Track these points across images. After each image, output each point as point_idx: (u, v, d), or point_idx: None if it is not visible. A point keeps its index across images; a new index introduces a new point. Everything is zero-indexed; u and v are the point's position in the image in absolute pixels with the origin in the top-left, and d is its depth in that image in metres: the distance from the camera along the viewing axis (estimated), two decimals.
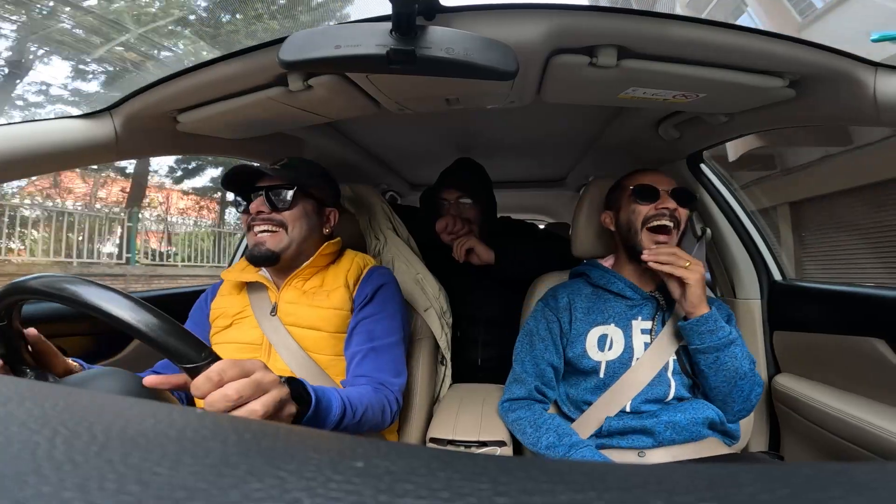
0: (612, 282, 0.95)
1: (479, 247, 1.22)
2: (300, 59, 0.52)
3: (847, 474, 0.12)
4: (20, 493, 0.12)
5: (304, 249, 0.88)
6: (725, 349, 0.82)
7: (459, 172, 1.34)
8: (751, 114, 0.84)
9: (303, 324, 0.85)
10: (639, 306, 0.93)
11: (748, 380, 0.83)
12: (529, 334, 0.97)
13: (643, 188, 0.92)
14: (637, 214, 0.92)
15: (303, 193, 0.87)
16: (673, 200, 0.90)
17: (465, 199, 1.30)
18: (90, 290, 0.47)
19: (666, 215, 0.89)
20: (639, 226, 0.91)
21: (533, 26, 0.61)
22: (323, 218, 0.93)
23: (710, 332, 0.82)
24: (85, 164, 0.85)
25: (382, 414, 0.76)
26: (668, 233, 0.89)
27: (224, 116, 0.83)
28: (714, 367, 0.83)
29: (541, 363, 0.93)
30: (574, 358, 0.91)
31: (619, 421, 0.85)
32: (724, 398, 0.85)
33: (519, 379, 0.94)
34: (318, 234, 0.92)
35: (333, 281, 0.89)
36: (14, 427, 0.16)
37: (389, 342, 0.85)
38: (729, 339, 0.82)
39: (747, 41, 0.62)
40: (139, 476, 0.12)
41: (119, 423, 0.16)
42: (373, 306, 0.87)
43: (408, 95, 0.80)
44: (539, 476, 0.13)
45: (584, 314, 0.94)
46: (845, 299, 0.94)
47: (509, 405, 0.93)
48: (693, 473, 0.13)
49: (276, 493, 0.12)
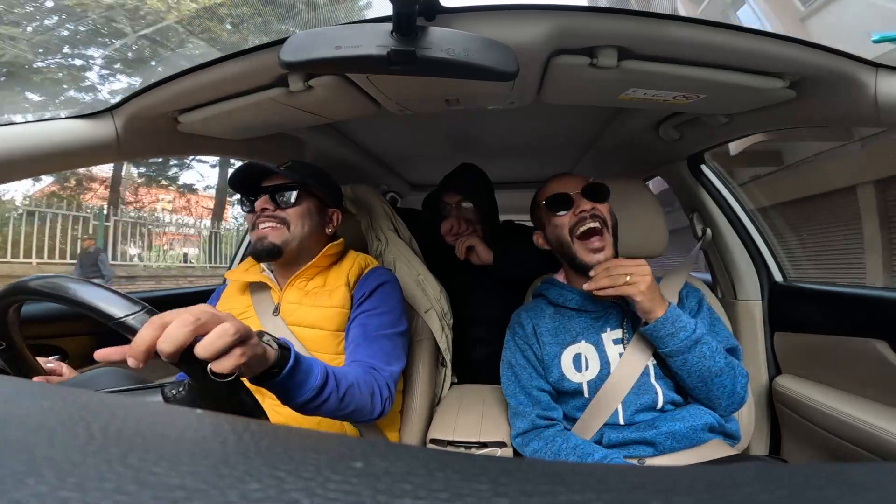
0: (570, 298, 0.92)
1: (479, 246, 1.23)
2: (301, 59, 0.52)
3: (845, 475, 0.12)
4: (18, 492, 0.12)
5: (307, 247, 0.89)
6: (691, 350, 0.78)
7: (462, 176, 1.35)
8: (751, 115, 0.84)
9: (305, 323, 0.85)
10: (603, 318, 0.90)
11: (726, 374, 0.79)
12: (510, 366, 0.95)
13: (554, 198, 0.90)
14: (560, 228, 0.90)
15: (306, 193, 0.89)
16: (588, 200, 0.87)
17: (466, 203, 1.31)
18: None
19: (587, 217, 0.87)
20: (567, 237, 0.88)
21: (533, 27, 0.61)
22: (325, 218, 0.94)
23: (671, 336, 0.78)
24: (86, 165, 0.85)
25: (371, 398, 0.74)
26: (598, 233, 0.87)
27: (225, 117, 0.83)
28: (685, 370, 0.79)
29: (532, 391, 0.90)
30: (555, 382, 0.89)
31: (617, 434, 0.83)
32: (706, 397, 0.82)
33: (518, 413, 0.91)
34: (321, 233, 0.93)
35: (335, 280, 0.90)
36: (12, 426, 0.16)
37: (384, 333, 0.84)
38: (692, 339, 0.78)
39: (748, 42, 0.62)
40: (137, 476, 0.12)
41: (117, 423, 0.16)
42: (371, 302, 0.87)
43: (408, 96, 0.81)
44: (538, 477, 0.13)
45: (552, 336, 0.91)
46: (846, 300, 0.94)
47: (521, 440, 0.89)
48: (692, 475, 0.13)
49: (274, 494, 0.12)
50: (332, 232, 0.95)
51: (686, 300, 0.93)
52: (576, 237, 0.87)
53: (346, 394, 0.67)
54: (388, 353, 0.83)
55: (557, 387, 0.89)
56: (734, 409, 0.83)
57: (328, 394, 0.64)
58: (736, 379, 0.80)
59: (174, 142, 0.93)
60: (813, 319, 1.01)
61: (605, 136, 1.29)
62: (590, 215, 0.87)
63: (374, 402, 0.74)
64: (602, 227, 0.87)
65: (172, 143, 0.93)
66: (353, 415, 0.71)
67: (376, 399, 0.75)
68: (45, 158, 0.75)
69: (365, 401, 0.72)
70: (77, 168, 0.87)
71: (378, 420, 0.80)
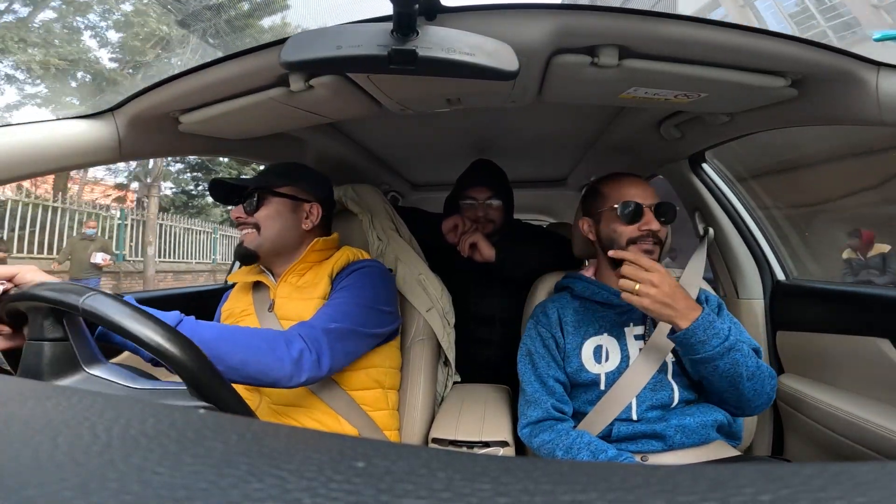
0: (597, 292, 0.92)
1: (481, 242, 1.22)
2: (301, 59, 0.52)
3: (848, 474, 0.12)
4: (22, 493, 0.12)
5: (286, 246, 0.92)
6: (723, 357, 0.76)
7: (488, 171, 1.35)
8: (752, 113, 0.84)
9: (292, 316, 0.86)
10: (628, 312, 0.90)
11: (757, 379, 0.77)
12: (529, 354, 0.95)
13: (627, 206, 0.89)
14: (620, 235, 0.89)
15: (271, 194, 0.91)
16: (657, 221, 0.88)
17: (494, 200, 1.30)
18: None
19: (650, 238, 0.87)
20: (623, 244, 0.89)
21: (534, 26, 0.61)
22: (301, 214, 0.94)
23: (702, 343, 0.75)
24: (87, 166, 0.85)
25: (274, 350, 0.69)
26: (651, 254, 0.87)
27: (226, 117, 0.83)
28: (716, 375, 0.78)
29: (548, 381, 0.90)
30: (572, 373, 0.89)
31: (628, 427, 0.83)
32: (736, 399, 0.80)
33: (532, 400, 0.90)
34: (297, 230, 0.93)
35: (323, 273, 0.92)
36: (16, 427, 0.16)
37: (351, 302, 0.83)
38: (725, 346, 0.75)
39: (749, 40, 0.62)
40: (140, 476, 0.12)
41: (121, 423, 0.16)
42: (345, 282, 0.88)
43: (409, 95, 0.81)
44: (540, 476, 0.13)
45: (575, 328, 0.92)
46: (849, 299, 0.94)
47: (530, 430, 0.88)
48: (695, 474, 0.13)
49: (276, 493, 0.12)
50: (311, 226, 0.94)
51: (706, 304, 0.92)
52: (632, 244, 0.88)
53: (218, 342, 0.65)
54: (342, 313, 0.80)
55: (574, 378, 0.89)
56: (762, 409, 0.83)
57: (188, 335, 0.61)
58: (765, 381, 0.79)
59: (175, 142, 0.93)
60: (816, 318, 1.01)
61: (606, 135, 1.28)
62: (652, 235, 0.87)
63: (278, 356, 0.69)
64: (656, 251, 0.88)
65: (173, 143, 0.93)
66: (247, 368, 0.66)
67: (280, 352, 0.69)
68: (46, 159, 0.75)
69: (260, 355, 0.68)
70: (78, 168, 0.87)
71: (298, 387, 0.73)
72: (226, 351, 0.65)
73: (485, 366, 1.32)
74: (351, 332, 0.80)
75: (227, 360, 0.65)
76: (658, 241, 0.88)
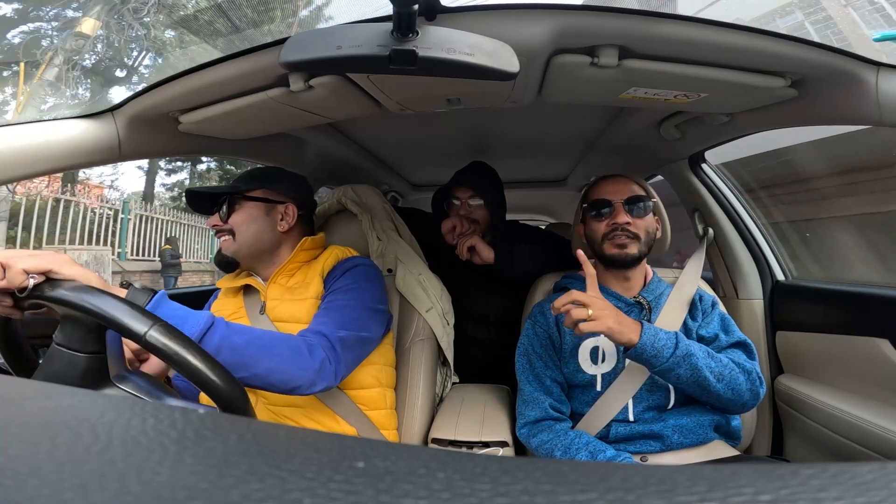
0: None
1: (480, 245, 1.22)
2: (301, 59, 0.52)
3: (848, 474, 0.12)
4: (21, 493, 0.12)
5: (264, 249, 0.91)
6: (680, 365, 0.76)
7: (474, 172, 1.35)
8: (752, 114, 0.84)
9: (286, 318, 0.87)
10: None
11: (729, 379, 0.77)
12: (526, 354, 0.95)
13: (594, 204, 0.92)
14: (595, 233, 0.93)
15: (241, 199, 0.91)
16: (626, 214, 0.89)
17: (475, 200, 1.30)
18: None
19: (618, 231, 0.89)
20: (599, 240, 0.92)
21: (534, 26, 0.61)
22: (276, 215, 0.93)
23: (655, 357, 0.76)
24: (87, 166, 0.85)
25: (297, 358, 0.69)
26: (625, 248, 0.89)
27: (225, 117, 0.83)
28: (681, 383, 0.78)
29: (546, 381, 0.91)
30: (569, 374, 0.90)
31: (625, 428, 0.84)
32: (716, 400, 0.80)
33: (530, 400, 0.90)
34: (273, 232, 0.92)
35: (313, 273, 0.92)
36: (15, 427, 0.16)
37: (349, 304, 0.83)
38: (677, 355, 0.75)
39: (748, 41, 0.62)
40: (140, 476, 0.12)
41: (121, 423, 0.16)
42: (339, 282, 0.88)
43: (409, 95, 0.80)
44: (540, 477, 0.13)
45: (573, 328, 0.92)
46: (848, 299, 0.94)
47: (528, 430, 0.88)
48: (694, 474, 0.13)
49: (276, 493, 0.12)
50: (287, 227, 0.93)
51: (700, 302, 0.94)
52: (607, 240, 0.91)
53: (248, 348, 0.65)
54: (349, 320, 0.80)
55: (571, 379, 0.90)
56: (748, 407, 0.81)
57: (218, 342, 0.63)
58: (739, 379, 0.78)
59: (175, 142, 0.93)
60: (815, 318, 1.01)
61: (606, 135, 1.28)
62: (621, 230, 0.88)
63: (302, 364, 0.69)
64: (632, 240, 0.89)
65: (173, 143, 0.93)
66: (272, 377, 0.67)
67: (304, 361, 0.69)
68: (46, 158, 0.75)
69: (284, 354, 0.68)
70: (78, 168, 0.87)
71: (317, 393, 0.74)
72: (254, 358, 0.66)
73: (484, 366, 1.32)
74: (359, 339, 0.82)
75: (254, 368, 0.65)
76: (632, 235, 0.89)
